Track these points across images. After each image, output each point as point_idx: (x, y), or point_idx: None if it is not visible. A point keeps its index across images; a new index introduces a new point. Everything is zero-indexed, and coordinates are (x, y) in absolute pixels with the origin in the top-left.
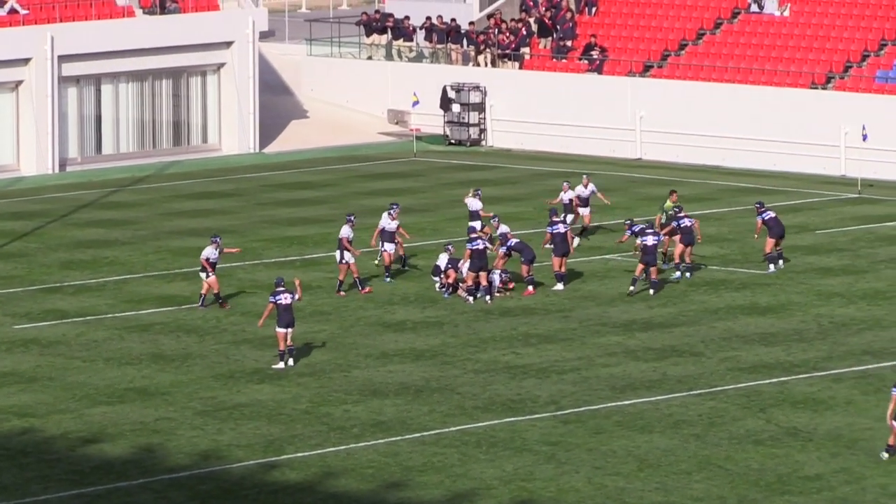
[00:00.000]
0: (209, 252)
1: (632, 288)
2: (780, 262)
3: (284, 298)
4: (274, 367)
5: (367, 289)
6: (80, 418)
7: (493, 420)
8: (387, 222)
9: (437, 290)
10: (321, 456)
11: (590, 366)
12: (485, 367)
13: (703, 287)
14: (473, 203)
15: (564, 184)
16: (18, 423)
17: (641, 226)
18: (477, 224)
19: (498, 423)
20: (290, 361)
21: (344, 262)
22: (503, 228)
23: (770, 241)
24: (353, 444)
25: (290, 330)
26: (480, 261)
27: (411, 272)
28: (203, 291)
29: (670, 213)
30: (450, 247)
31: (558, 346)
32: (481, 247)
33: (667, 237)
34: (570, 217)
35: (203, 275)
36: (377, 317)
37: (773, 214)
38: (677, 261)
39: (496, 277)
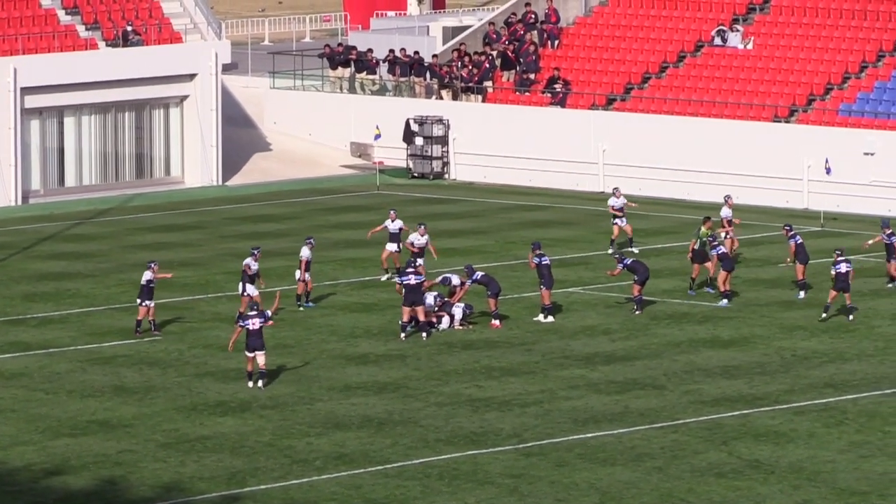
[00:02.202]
0: (148, 276)
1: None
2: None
3: (253, 324)
4: (248, 384)
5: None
6: (43, 450)
7: (455, 453)
8: (416, 238)
9: (400, 323)
10: (284, 488)
11: (552, 399)
12: (447, 399)
13: (665, 320)
14: (417, 239)
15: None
16: None
17: (631, 258)
18: (420, 260)
19: (460, 456)
20: (260, 383)
21: (246, 294)
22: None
23: (800, 268)
24: (316, 476)
25: (257, 354)
26: (414, 295)
27: (376, 305)
28: (139, 317)
29: (704, 240)
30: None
31: (521, 378)
32: (413, 282)
33: (697, 265)
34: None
35: (139, 300)
36: (340, 349)
37: (801, 240)
38: (723, 289)
39: (458, 311)
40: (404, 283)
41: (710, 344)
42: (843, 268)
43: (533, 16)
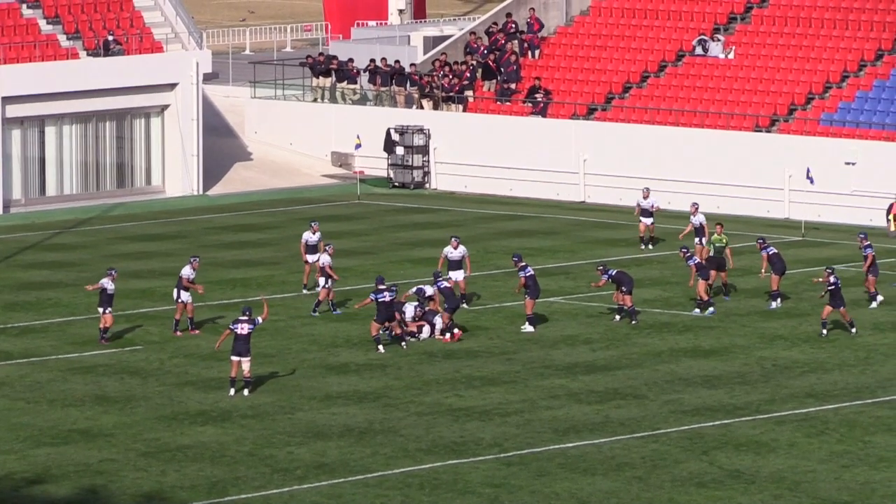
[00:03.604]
0: (108, 285)
1: (634, 320)
2: (776, 301)
3: (242, 329)
4: (230, 394)
5: (196, 330)
6: (24, 459)
7: (436, 462)
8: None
9: (381, 332)
10: (265, 498)
11: (533, 408)
12: (428, 409)
13: (646, 330)
14: (451, 252)
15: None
16: None
17: (615, 269)
18: (454, 274)
19: (441, 466)
20: (245, 392)
21: (181, 301)
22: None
23: (775, 278)
24: (297, 486)
25: (242, 359)
26: (388, 311)
27: (357, 315)
28: (102, 325)
29: (718, 245)
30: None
31: (501, 388)
32: (388, 299)
33: (713, 272)
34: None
35: (101, 309)
36: (321, 359)
37: (775, 250)
38: (705, 298)
39: (438, 320)
40: (379, 300)
41: (691, 354)
42: (832, 279)
43: (513, 25)
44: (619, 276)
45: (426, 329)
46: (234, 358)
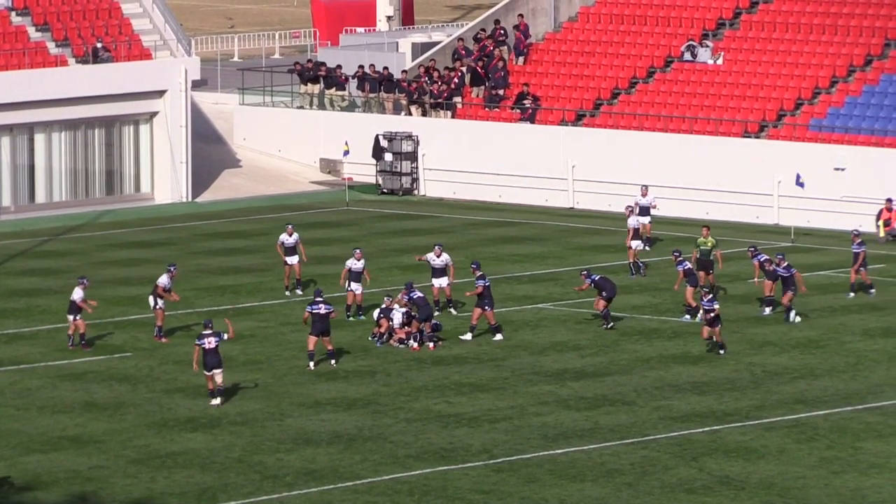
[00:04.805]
0: (77, 294)
1: (609, 325)
2: (768, 308)
3: (209, 343)
4: (211, 403)
5: (165, 339)
6: (14, 466)
7: (425, 469)
8: (353, 263)
9: (370, 339)
10: None
11: (522, 415)
12: (417, 415)
13: (635, 336)
14: (433, 259)
15: (627, 208)
16: None
17: (598, 275)
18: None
19: (430, 472)
20: (217, 401)
21: (158, 307)
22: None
23: (768, 284)
24: (286, 492)
25: (215, 372)
26: (322, 324)
27: (346, 321)
28: (70, 332)
29: (704, 248)
30: (387, 297)
31: (491, 394)
32: (323, 311)
33: (703, 273)
34: (636, 243)
35: (71, 316)
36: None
37: (766, 257)
38: (691, 304)
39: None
40: (313, 311)
41: (681, 360)
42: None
43: (502, 32)
44: (601, 282)
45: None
46: (207, 372)
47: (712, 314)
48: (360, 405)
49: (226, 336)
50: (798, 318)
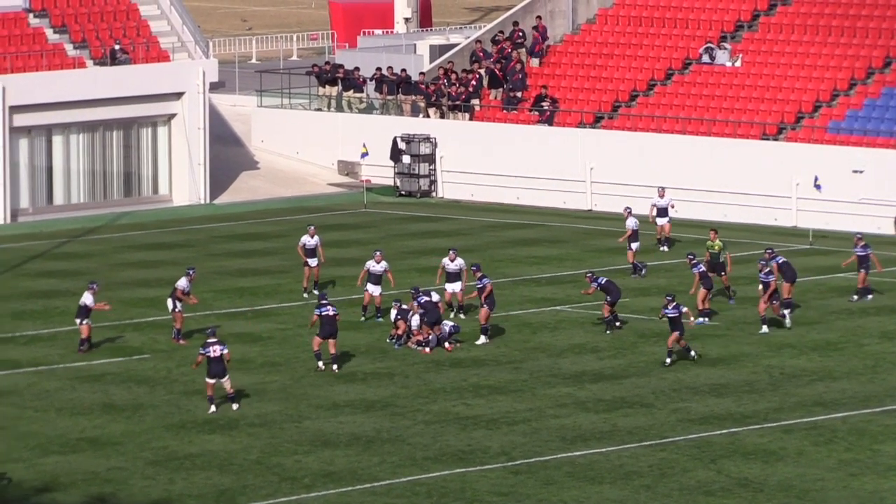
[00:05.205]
0: (87, 298)
1: (617, 326)
2: (789, 310)
3: (214, 351)
4: (209, 412)
5: (184, 341)
6: (33, 468)
7: (443, 471)
8: (372, 265)
9: (388, 341)
10: None
11: (540, 417)
12: (435, 417)
13: (653, 338)
14: (448, 264)
15: (625, 209)
16: None
17: (605, 277)
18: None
19: (448, 474)
20: (235, 406)
21: (177, 310)
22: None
23: (786, 286)
24: (304, 494)
25: (221, 380)
26: (330, 327)
27: (364, 324)
28: (84, 336)
29: (713, 251)
30: (397, 301)
31: (509, 397)
32: (331, 312)
33: (715, 275)
34: (635, 244)
35: (78, 320)
36: (328, 368)
37: (784, 259)
38: (701, 307)
39: (445, 329)
40: (322, 314)
41: (698, 362)
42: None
43: (521, 34)
44: (607, 286)
45: (431, 338)
46: (210, 381)
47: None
48: (378, 407)
49: (227, 351)
50: (789, 323)
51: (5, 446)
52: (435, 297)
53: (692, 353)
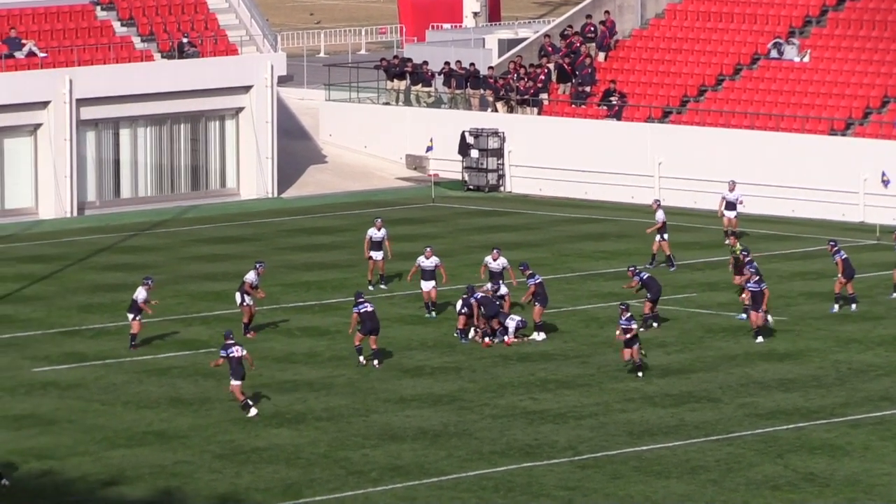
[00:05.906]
0: (140, 294)
1: (653, 325)
2: (854, 305)
3: (236, 351)
4: (249, 415)
5: (252, 334)
6: (99, 461)
7: (510, 465)
8: (423, 260)
9: (455, 335)
10: (339, 500)
11: (607, 411)
12: (502, 412)
13: (720, 333)
14: (490, 262)
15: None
16: (38, 465)
17: (646, 272)
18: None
19: (515, 469)
20: (253, 411)
21: (245, 304)
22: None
23: (841, 281)
24: (371, 488)
25: (241, 383)
26: (372, 323)
27: (429, 318)
28: (133, 332)
29: (737, 254)
30: (474, 293)
31: (576, 391)
32: (370, 308)
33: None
34: (665, 237)
35: (131, 315)
36: (395, 361)
37: (845, 255)
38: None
39: (511, 324)
40: (361, 311)
41: (766, 357)
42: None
43: (592, 28)
44: (648, 281)
45: (511, 325)
46: (236, 382)
47: (629, 335)
48: (445, 401)
49: (245, 353)
50: (770, 319)
51: (72, 440)
52: (503, 289)
53: (640, 373)
